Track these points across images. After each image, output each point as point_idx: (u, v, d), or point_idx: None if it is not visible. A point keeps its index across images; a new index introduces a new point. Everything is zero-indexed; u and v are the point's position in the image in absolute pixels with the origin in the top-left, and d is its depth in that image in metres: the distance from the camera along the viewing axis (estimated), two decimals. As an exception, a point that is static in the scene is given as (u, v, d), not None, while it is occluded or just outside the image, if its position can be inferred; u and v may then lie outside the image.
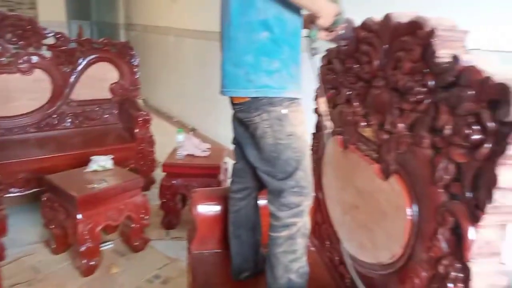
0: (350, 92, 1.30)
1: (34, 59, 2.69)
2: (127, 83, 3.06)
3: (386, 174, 1.06)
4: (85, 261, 1.94)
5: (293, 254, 1.21)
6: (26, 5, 5.36)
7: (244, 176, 1.37)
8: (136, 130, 2.76)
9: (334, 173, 1.39)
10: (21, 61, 2.64)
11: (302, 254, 1.23)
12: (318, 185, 1.54)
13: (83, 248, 1.90)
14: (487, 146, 0.72)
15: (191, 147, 2.42)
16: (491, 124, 0.72)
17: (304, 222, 1.23)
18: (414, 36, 0.93)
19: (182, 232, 2.22)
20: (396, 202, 1.00)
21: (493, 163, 0.71)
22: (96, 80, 2.96)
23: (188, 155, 2.41)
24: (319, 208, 1.56)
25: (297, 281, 1.21)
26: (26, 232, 2.34)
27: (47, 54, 2.76)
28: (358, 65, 1.23)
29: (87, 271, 1.96)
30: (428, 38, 0.88)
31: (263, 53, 1.11)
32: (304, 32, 1.26)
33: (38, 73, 2.73)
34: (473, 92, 0.75)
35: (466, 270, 0.78)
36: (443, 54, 0.85)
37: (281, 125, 1.16)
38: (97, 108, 3.03)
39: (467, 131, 0.76)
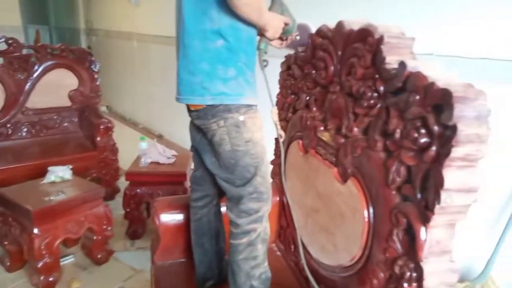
0: (309, 98, 1.31)
1: (-15, 66, 2.56)
2: (87, 90, 2.97)
3: (344, 177, 1.07)
4: (42, 277, 1.84)
5: (254, 260, 1.21)
6: (-23, 9, 5.09)
7: (204, 183, 1.36)
8: (98, 138, 2.68)
9: (296, 177, 1.40)
10: (-30, 68, 2.50)
11: (263, 260, 1.23)
12: (282, 189, 1.55)
13: (40, 264, 1.81)
14: (433, 149, 0.75)
15: (155, 154, 2.37)
16: (436, 128, 0.74)
17: (264, 228, 1.23)
18: (365, 43, 0.95)
19: (148, 242, 2.16)
20: (353, 205, 1.02)
21: (439, 165, 0.73)
22: (54, 87, 2.84)
23: (152, 162, 2.36)
24: (284, 213, 1.57)
25: (259, 287, 1.21)
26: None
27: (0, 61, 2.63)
28: (315, 71, 1.25)
29: (46, 288, 1.87)
30: (377, 45, 0.91)
31: (219, 61, 1.11)
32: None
33: (-11, 81, 2.59)
34: (419, 97, 0.78)
35: (419, 270, 0.80)
36: (391, 61, 0.88)
37: (239, 131, 1.16)
38: (56, 117, 2.91)
39: (415, 135, 0.79)
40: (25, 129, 2.81)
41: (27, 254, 1.88)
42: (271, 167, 1.62)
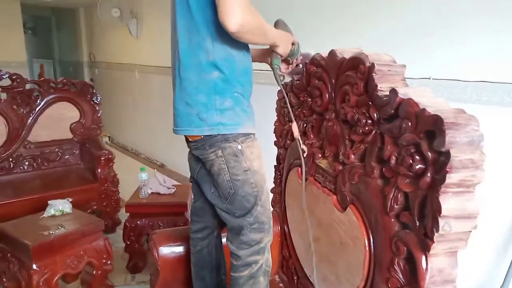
0: (306, 125, 1.32)
1: (-12, 101, 2.60)
2: (88, 122, 2.99)
3: (343, 205, 1.06)
4: (41, 315, 1.80)
5: None
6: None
7: (204, 215, 1.35)
8: (99, 170, 2.68)
9: (296, 205, 1.38)
10: (-27, 104, 2.54)
11: None
12: (284, 218, 1.53)
13: (39, 301, 1.77)
14: (429, 175, 0.74)
15: (155, 185, 2.36)
16: (429, 154, 0.74)
17: (266, 259, 1.21)
18: (357, 71, 0.96)
19: (148, 276, 2.12)
20: (353, 233, 1.00)
21: (435, 192, 0.72)
22: (56, 121, 2.87)
23: (152, 193, 2.35)
24: (286, 243, 1.54)
25: None
26: (-23, 287, 2.16)
27: (2, 96, 2.67)
28: (311, 99, 1.26)
29: (45, 326, 1.82)
30: (368, 72, 0.92)
31: (215, 92, 1.11)
32: (262, 65, 1.29)
33: (-8, 116, 2.62)
34: (411, 123, 0.78)
35: (422, 300, 0.78)
36: (383, 88, 0.89)
37: (237, 160, 1.15)
38: (57, 149, 2.92)
39: (410, 161, 0.78)
40: (26, 163, 2.81)
41: (23, 292, 1.84)
42: (271, 195, 1.60)
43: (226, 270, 1.41)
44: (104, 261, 2.03)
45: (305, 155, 1.26)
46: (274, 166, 1.62)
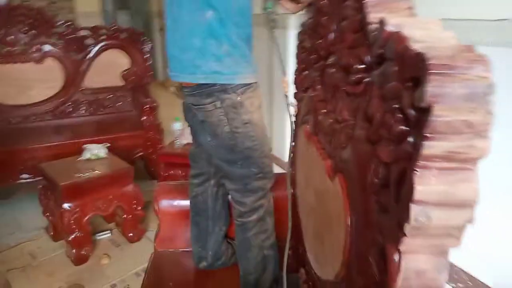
0: (316, 73, 1.09)
1: (46, 48, 2.72)
2: (139, 70, 3.02)
3: (333, 173, 0.86)
4: (75, 250, 1.92)
5: (265, 233, 1.23)
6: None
7: (199, 161, 1.30)
8: (144, 118, 2.71)
9: (301, 168, 1.20)
10: (33, 50, 2.68)
11: (272, 231, 1.24)
12: (294, 183, 1.35)
13: (71, 238, 1.89)
14: (411, 141, 0.52)
15: (189, 135, 2.31)
16: (412, 112, 0.51)
17: (269, 201, 1.24)
18: (354, -2, 0.72)
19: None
20: (337, 208, 0.81)
21: (414, 167, 0.50)
22: (108, 67, 2.93)
23: (188, 143, 2.31)
24: (295, 209, 1.37)
25: (270, 254, 1.24)
26: (33, 218, 2.39)
27: (59, 42, 2.78)
28: (319, 40, 1.02)
29: (78, 260, 1.96)
30: (362, -2, 0.67)
31: (211, 35, 1.00)
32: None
33: (49, 61, 2.76)
34: (397, 67, 0.54)
35: (393, 308, 0.58)
36: (375, 19, 0.64)
37: (237, 113, 1.08)
38: (111, 96, 3.01)
39: (391, 121, 0.56)
40: (84, 108, 2.96)
41: (60, 227, 1.97)
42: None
43: (228, 223, 1.37)
44: (134, 206, 2.08)
45: (293, 114, 1.17)
46: (293, 121, 1.42)
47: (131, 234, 2.13)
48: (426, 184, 0.49)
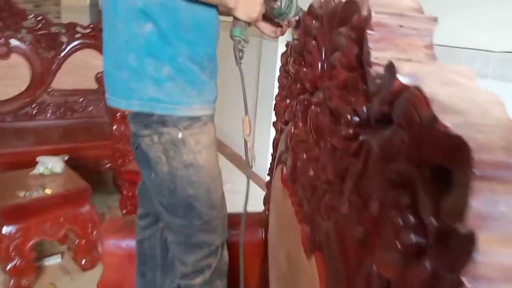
0: (297, 106, 0.90)
1: (13, 42, 2.48)
2: (115, 74, 2.79)
3: (310, 247, 0.66)
4: (13, 280, 1.67)
5: None
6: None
7: (145, 198, 1.08)
8: (114, 127, 2.48)
9: (275, 217, 1.00)
10: (-3, 44, 2.44)
11: None
12: (267, 226, 1.16)
13: (9, 267, 1.63)
14: (427, 265, 0.32)
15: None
16: (431, 221, 0.31)
17: (222, 258, 0.98)
18: (349, 25, 0.53)
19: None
20: (311, 299, 0.61)
21: None
22: (81, 68, 2.70)
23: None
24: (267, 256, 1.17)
25: None
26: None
27: (27, 38, 2.54)
28: (304, 68, 0.83)
29: (18, 291, 1.70)
30: (363, 28, 0.48)
31: (149, 53, 0.81)
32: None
33: (15, 57, 2.51)
34: (408, 138, 0.35)
35: None
36: (382, 59, 0.45)
37: (177, 151, 0.86)
38: (81, 99, 2.78)
39: (397, 220, 0.36)
40: (50, 111, 2.72)
41: (-1, 252, 1.72)
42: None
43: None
44: (90, 230, 1.84)
45: (252, 163, 0.97)
46: (271, 154, 1.23)
47: (84, 261, 1.88)
48: None
